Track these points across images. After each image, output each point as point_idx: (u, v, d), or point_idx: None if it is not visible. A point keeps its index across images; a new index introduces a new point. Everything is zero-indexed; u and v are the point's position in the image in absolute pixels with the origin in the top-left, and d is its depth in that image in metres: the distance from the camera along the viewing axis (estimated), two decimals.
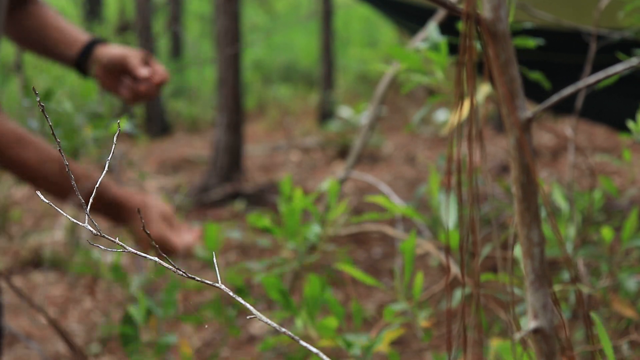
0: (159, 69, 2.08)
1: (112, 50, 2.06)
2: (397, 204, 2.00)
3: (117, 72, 2.05)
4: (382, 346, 1.78)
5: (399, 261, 2.70)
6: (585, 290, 1.88)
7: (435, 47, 1.89)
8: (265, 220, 2.11)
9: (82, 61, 2.06)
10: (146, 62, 2.07)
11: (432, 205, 2.01)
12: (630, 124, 1.82)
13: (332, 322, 1.75)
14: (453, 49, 2.43)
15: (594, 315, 1.03)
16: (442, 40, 1.88)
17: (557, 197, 1.97)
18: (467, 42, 0.76)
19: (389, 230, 2.43)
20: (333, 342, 1.76)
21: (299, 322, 1.80)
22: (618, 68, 0.86)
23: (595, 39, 1.93)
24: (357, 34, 12.40)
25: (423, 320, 1.82)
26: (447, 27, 2.23)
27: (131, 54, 2.05)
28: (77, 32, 2.10)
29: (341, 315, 1.78)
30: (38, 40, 2.07)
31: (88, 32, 2.15)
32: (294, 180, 6.49)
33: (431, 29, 1.92)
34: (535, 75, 2.00)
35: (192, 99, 9.73)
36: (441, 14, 2.54)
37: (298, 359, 1.92)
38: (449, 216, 1.85)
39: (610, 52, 2.15)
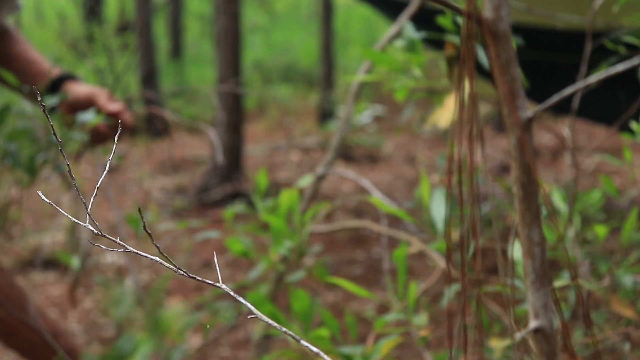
0: (124, 107, 2.03)
1: (80, 87, 2.00)
2: (387, 205, 1.99)
3: (82, 110, 1.99)
4: (380, 356, 1.78)
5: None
6: (588, 286, 1.88)
7: (411, 45, 1.86)
8: (254, 227, 2.11)
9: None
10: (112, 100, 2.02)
11: (424, 206, 2.00)
12: (634, 125, 1.82)
13: (324, 332, 1.74)
14: (431, 43, 2.40)
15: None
16: (417, 37, 1.84)
17: (555, 198, 1.96)
18: (467, 43, 0.76)
19: (385, 230, 2.42)
20: (331, 356, 1.75)
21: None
22: (618, 68, 0.86)
23: (592, 39, 1.92)
24: (357, 34, 12.39)
25: (420, 328, 1.82)
26: (424, 21, 2.20)
27: (99, 92, 2.00)
28: (45, 65, 2.04)
29: (336, 328, 1.77)
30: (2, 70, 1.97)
31: (58, 66, 2.07)
32: (294, 180, 6.49)
33: (405, 26, 1.89)
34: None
35: (192, 99, 9.73)
36: (413, 7, 2.50)
37: None
38: (438, 216, 1.85)
39: (611, 52, 2.15)
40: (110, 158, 0.93)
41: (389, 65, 1.84)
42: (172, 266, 0.88)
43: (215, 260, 0.86)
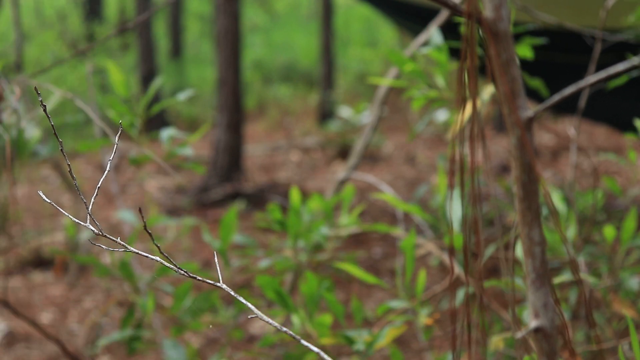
0: None
1: None
2: (402, 202, 2.00)
3: None
4: (385, 342, 1.78)
5: (400, 260, 2.70)
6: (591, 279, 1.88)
7: (437, 51, 1.87)
8: (278, 213, 2.12)
9: None
10: None
11: (433, 204, 2.01)
12: (638, 123, 1.82)
13: (327, 319, 1.75)
14: (455, 53, 2.41)
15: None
16: (443, 43, 1.85)
17: (555, 198, 1.96)
18: (468, 42, 0.76)
19: (403, 235, 2.43)
20: (334, 340, 1.76)
21: (295, 320, 1.81)
22: (619, 67, 0.86)
23: (599, 40, 1.92)
24: (357, 34, 12.39)
25: (425, 318, 1.82)
26: (447, 31, 2.22)
27: None
28: None
29: (341, 313, 1.77)
30: None
31: None
32: (294, 180, 6.49)
33: (433, 32, 1.90)
34: (535, 83, 2.00)
35: (192, 99, 9.72)
36: (442, 16, 2.53)
37: (296, 357, 1.92)
38: (454, 215, 1.85)
39: (612, 52, 2.15)
40: (111, 157, 0.93)
41: (412, 71, 1.84)
42: (172, 266, 0.88)
43: (216, 260, 0.86)
